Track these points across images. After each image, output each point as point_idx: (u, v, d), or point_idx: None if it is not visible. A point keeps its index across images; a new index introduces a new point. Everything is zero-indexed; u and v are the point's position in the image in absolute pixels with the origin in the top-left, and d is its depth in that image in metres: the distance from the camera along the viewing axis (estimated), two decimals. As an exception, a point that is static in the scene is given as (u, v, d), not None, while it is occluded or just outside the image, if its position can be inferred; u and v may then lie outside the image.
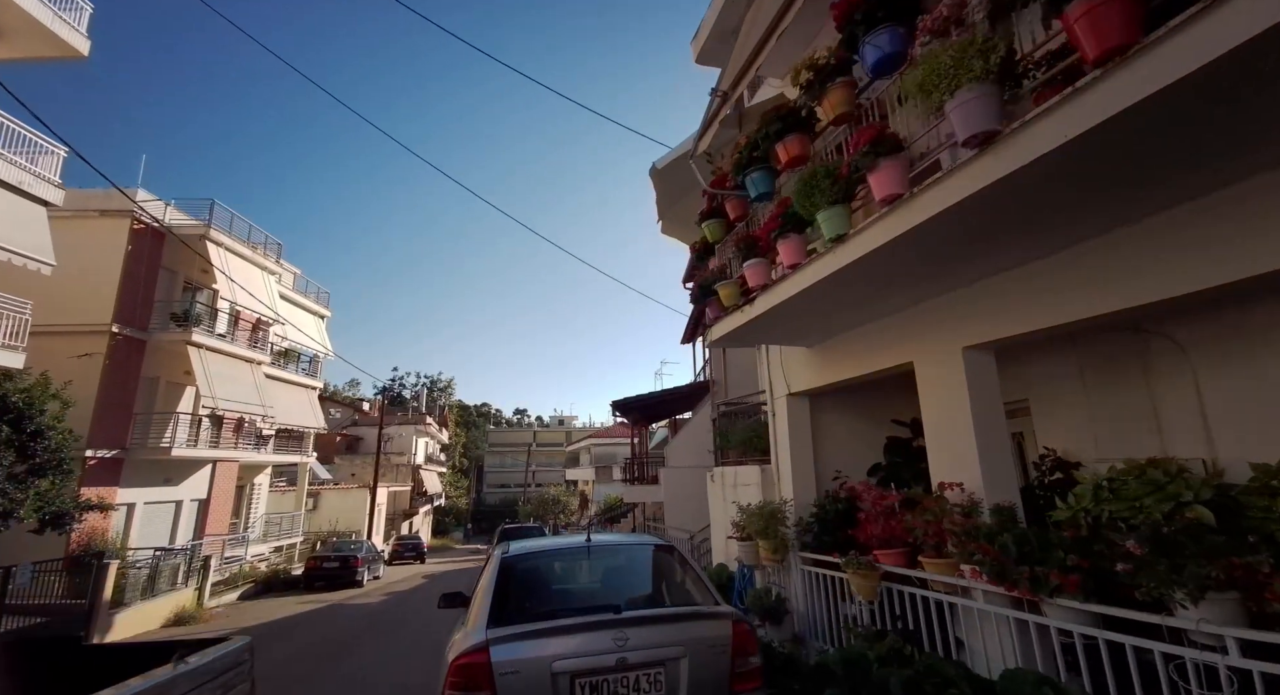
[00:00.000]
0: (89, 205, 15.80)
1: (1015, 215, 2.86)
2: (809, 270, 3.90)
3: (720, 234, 5.36)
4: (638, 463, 17.11)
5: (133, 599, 11.36)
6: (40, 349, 14.44)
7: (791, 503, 5.79)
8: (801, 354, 6.02)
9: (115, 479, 15.46)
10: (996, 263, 3.56)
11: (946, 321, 4.07)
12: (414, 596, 15.76)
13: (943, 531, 3.61)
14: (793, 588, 5.53)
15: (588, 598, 3.61)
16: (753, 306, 4.79)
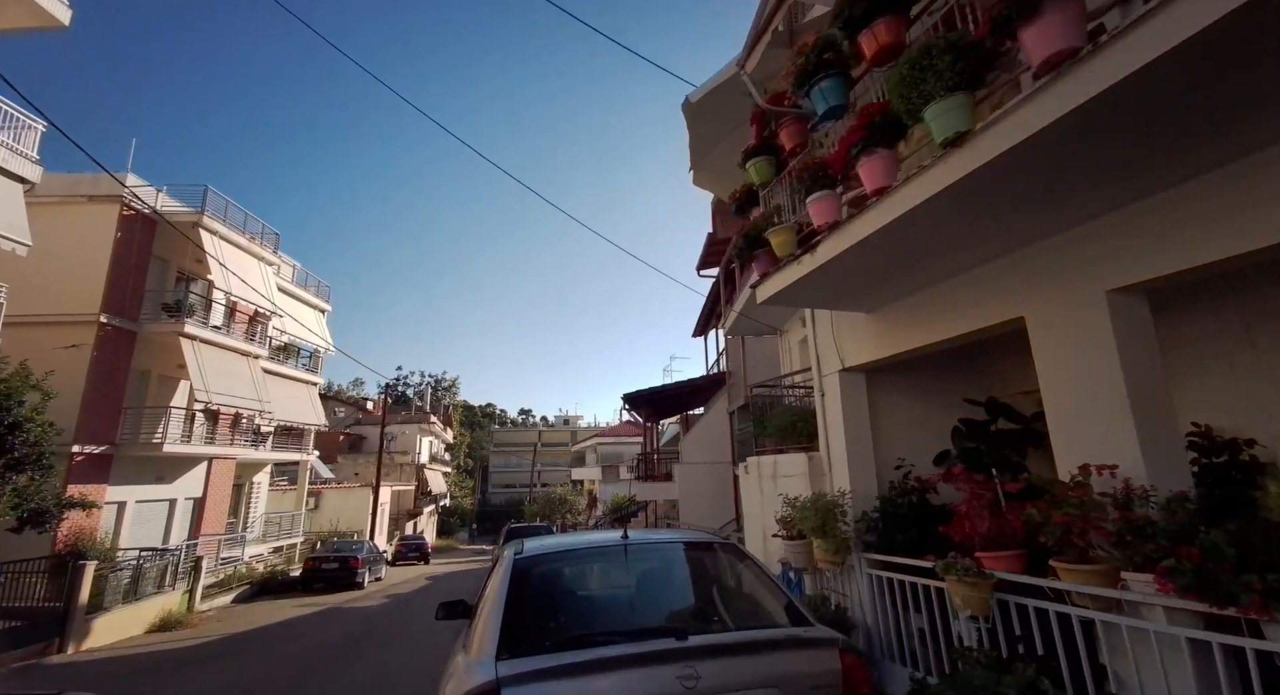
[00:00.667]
0: (76, 190, 15.05)
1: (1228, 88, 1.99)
2: (904, 193, 3.03)
3: (769, 174, 4.50)
4: (649, 459, 16.26)
5: (114, 603, 10.54)
6: (25, 339, 13.69)
7: (849, 495, 4.92)
8: (859, 322, 5.14)
9: (104, 476, 14.68)
10: (1165, 174, 2.68)
11: (1077, 262, 3.19)
12: (416, 599, 14.94)
13: (1090, 529, 2.73)
14: (856, 596, 4.65)
15: (634, 615, 2.70)
16: (814, 254, 3.92)
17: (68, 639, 9.02)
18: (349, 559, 17.22)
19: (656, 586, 2.80)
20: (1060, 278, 3.27)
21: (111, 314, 14.77)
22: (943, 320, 4.32)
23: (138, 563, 11.52)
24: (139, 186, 15.74)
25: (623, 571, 2.89)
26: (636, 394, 15.70)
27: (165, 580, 12.46)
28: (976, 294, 3.93)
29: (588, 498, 26.34)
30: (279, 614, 13.20)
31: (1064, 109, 2.18)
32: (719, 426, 15.14)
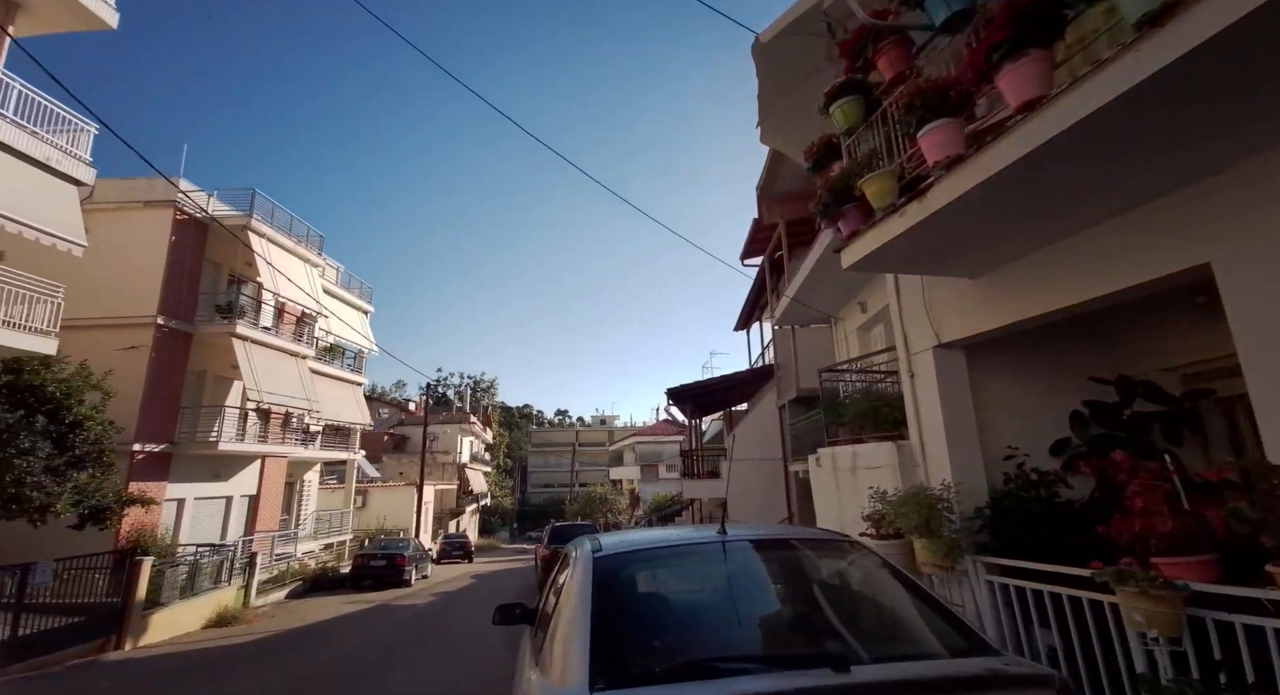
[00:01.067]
0: (132, 196, 15.49)
1: None
2: (1067, 103, 2.38)
3: (857, 117, 3.88)
4: (694, 457, 15.67)
5: (171, 598, 10.63)
6: (86, 342, 14.14)
7: (955, 489, 4.24)
8: (959, 290, 4.46)
9: (164, 474, 15.04)
10: None
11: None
12: (462, 598, 14.75)
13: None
14: (972, 607, 3.97)
15: (753, 633, 2.06)
16: (923, 201, 3.29)
17: (125, 635, 9.08)
18: (396, 557, 17.23)
19: (769, 596, 2.24)
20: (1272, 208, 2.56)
21: (168, 316, 15.13)
22: (1076, 280, 3.61)
23: (194, 559, 11.64)
24: (191, 191, 16.09)
25: (724, 576, 2.32)
26: (681, 389, 15.15)
27: (221, 576, 12.59)
28: (1133, 241, 3.21)
29: (629, 497, 25.93)
30: (330, 611, 13.20)
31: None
32: (768, 422, 14.44)
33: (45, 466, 10.31)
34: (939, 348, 4.68)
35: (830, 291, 10.27)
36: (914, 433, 4.89)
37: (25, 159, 9.53)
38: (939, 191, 3.20)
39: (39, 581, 7.67)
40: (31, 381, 10.52)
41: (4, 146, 9.27)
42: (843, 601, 2.25)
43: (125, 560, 10.72)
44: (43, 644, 7.98)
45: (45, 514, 10.34)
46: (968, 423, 4.54)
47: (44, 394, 10.62)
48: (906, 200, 3.45)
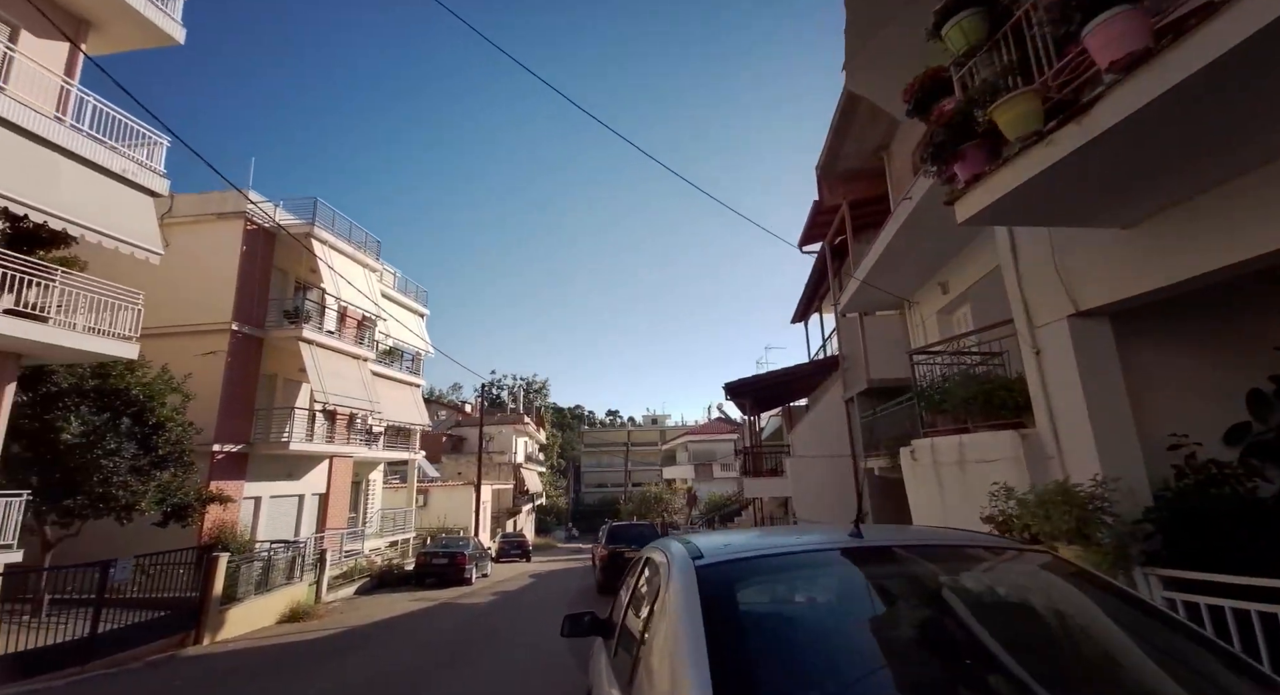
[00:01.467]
0: (206, 209, 16.22)
1: None
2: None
3: (982, 33, 3.19)
4: (754, 454, 14.94)
5: (246, 594, 10.91)
6: (168, 348, 14.88)
7: (1109, 485, 3.47)
8: (1101, 245, 3.68)
9: (241, 473, 15.65)
10: None
11: None
12: (523, 598, 14.60)
13: None
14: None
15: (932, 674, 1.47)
16: (1084, 121, 2.60)
17: (203, 630, 9.31)
18: (457, 555, 17.34)
19: (939, 621, 1.65)
20: None
21: (241, 322, 15.74)
22: (1265, 225, 2.82)
23: (267, 555, 11.93)
24: (259, 202, 16.73)
25: (867, 593, 1.77)
26: (739, 383, 14.47)
27: (294, 572, 12.89)
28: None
29: (686, 496, 25.30)
30: (395, 607, 13.31)
31: None
32: (833, 416, 13.56)
33: (130, 466, 10.79)
34: (1076, 317, 3.90)
35: (904, 273, 9.39)
36: (1042, 419, 4.12)
37: (104, 172, 9.93)
38: (1111, 105, 2.50)
39: (119, 578, 7.91)
40: (117, 385, 11.04)
41: (84, 160, 9.67)
42: (1046, 633, 1.61)
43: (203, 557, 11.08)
44: (125, 639, 8.21)
45: (131, 512, 10.83)
46: (1118, 406, 3.75)
47: (129, 397, 11.13)
48: (1058, 124, 2.76)
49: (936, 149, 3.31)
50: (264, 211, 16.73)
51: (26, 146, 8.96)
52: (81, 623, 7.79)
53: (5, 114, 8.56)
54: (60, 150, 9.42)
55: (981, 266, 7.58)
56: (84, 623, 7.78)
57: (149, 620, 8.65)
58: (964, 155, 3.28)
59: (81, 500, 10.19)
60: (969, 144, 3.24)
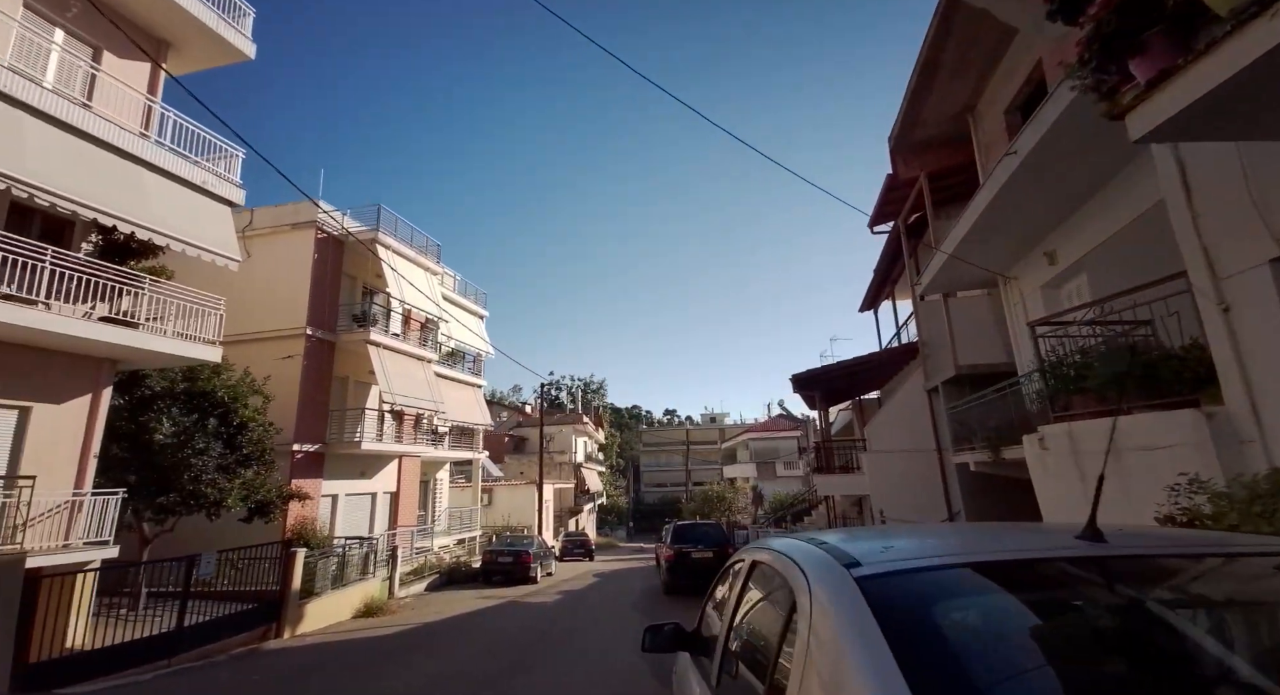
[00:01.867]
0: (281, 221, 16.99)
1: None
2: None
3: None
4: (825, 449, 14.02)
5: (323, 588, 11.17)
6: (249, 354, 15.65)
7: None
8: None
9: (319, 472, 16.26)
10: None
11: None
12: (589, 597, 14.34)
13: None
14: None
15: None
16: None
17: (283, 624, 9.55)
18: (521, 554, 17.35)
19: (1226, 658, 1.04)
20: None
21: (315, 327, 16.37)
22: None
23: (342, 551, 12.20)
24: (329, 211, 17.37)
25: (1121, 616, 1.22)
26: (807, 375, 13.62)
27: (367, 568, 13.16)
28: None
29: (751, 494, 24.43)
30: (464, 604, 13.36)
31: None
32: (913, 408, 12.49)
33: (217, 465, 11.29)
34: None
35: (1000, 244, 8.35)
36: (1234, 394, 3.28)
37: (185, 184, 10.41)
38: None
39: (202, 573, 8.17)
40: (204, 388, 11.59)
41: (167, 174, 10.15)
42: None
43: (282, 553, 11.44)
44: (211, 633, 8.47)
45: (219, 508, 11.32)
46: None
47: (215, 399, 11.66)
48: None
49: (1105, 44, 2.60)
50: (334, 219, 17.36)
51: (115, 162, 9.47)
52: (172, 616, 8.07)
53: (95, 131, 9.07)
54: (146, 164, 9.91)
55: (1103, 228, 6.55)
56: (174, 616, 8.05)
57: (236, 613, 8.93)
58: (1146, 47, 2.55)
59: (174, 497, 10.72)
60: (1153, 31, 2.51)
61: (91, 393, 9.76)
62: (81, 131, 8.91)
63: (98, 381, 9.84)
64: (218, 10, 10.94)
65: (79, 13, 9.45)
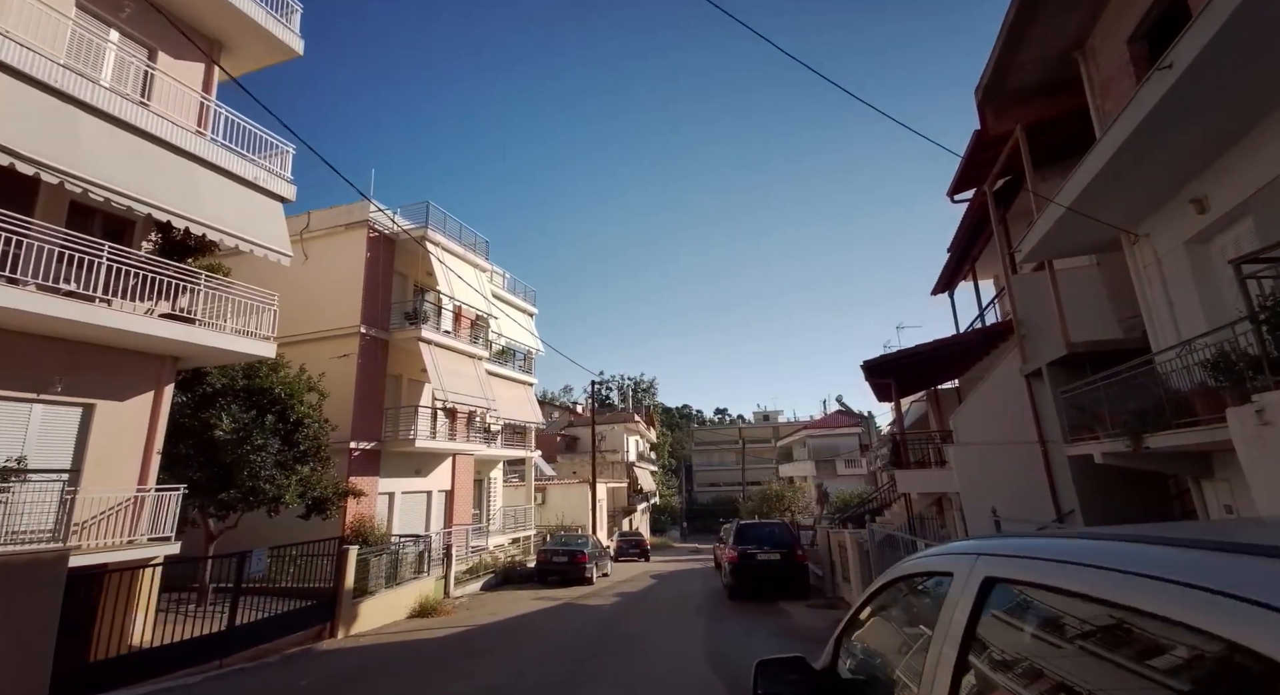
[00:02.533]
0: (335, 222, 17.17)
1: None
2: None
3: None
4: (903, 443, 12.71)
5: (377, 587, 10.92)
6: (307, 353, 15.82)
7: None
8: None
9: (375, 470, 16.30)
10: None
11: None
12: (648, 601, 13.61)
13: None
14: None
15: None
16: None
17: (338, 623, 9.30)
18: (577, 554, 16.83)
19: None
20: None
21: (368, 325, 16.43)
22: None
23: (396, 549, 11.96)
24: (381, 209, 17.44)
25: None
26: (880, 361, 12.38)
27: (422, 567, 12.92)
28: None
29: (816, 493, 23.02)
30: (519, 605, 12.91)
31: None
32: (1007, 395, 11.07)
33: (275, 461, 11.27)
34: None
35: (1129, 194, 7.03)
36: None
37: (239, 180, 10.40)
38: None
39: (254, 570, 7.92)
40: (262, 385, 11.61)
41: (221, 170, 10.14)
42: None
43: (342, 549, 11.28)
44: (266, 631, 8.27)
45: (277, 505, 11.30)
46: None
47: (273, 395, 11.67)
48: None
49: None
50: (386, 216, 17.43)
51: (170, 159, 9.48)
52: (227, 614, 7.90)
53: (151, 129, 9.08)
54: (201, 162, 9.92)
55: (1279, 158, 5.23)
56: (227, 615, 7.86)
57: (291, 611, 8.72)
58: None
59: (234, 493, 10.73)
60: None
61: (154, 390, 9.84)
62: (138, 129, 8.93)
63: (160, 378, 9.90)
64: (267, 7, 10.91)
65: (133, 13, 9.54)
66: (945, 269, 16.14)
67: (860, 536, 11.44)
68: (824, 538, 14.38)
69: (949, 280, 16.66)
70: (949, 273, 16.08)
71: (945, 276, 16.48)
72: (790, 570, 12.52)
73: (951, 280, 16.59)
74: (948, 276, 16.44)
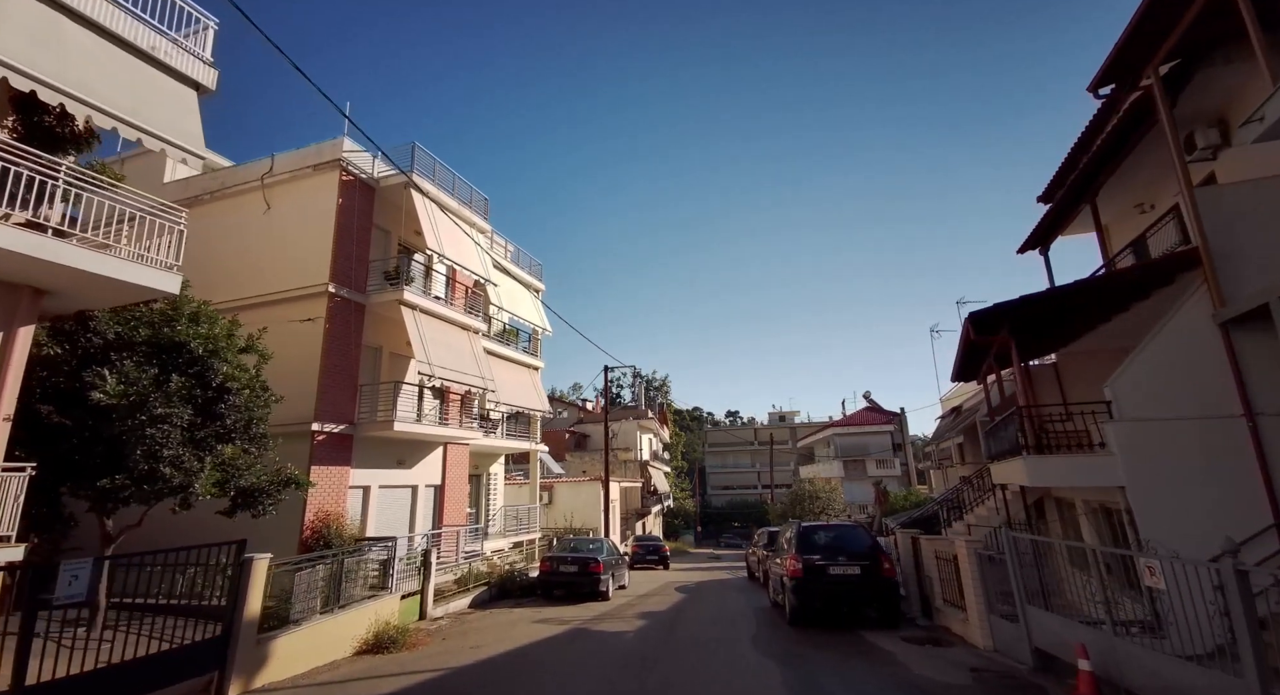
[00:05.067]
0: (303, 163, 14.25)
1: None
2: None
3: None
4: (1031, 418, 9.30)
5: (308, 612, 7.72)
6: (268, 318, 12.97)
7: None
8: None
9: (347, 458, 13.27)
10: None
11: None
12: (682, 625, 10.38)
13: None
14: None
15: None
16: None
17: (230, 672, 6.01)
18: (589, 562, 13.66)
19: None
20: None
21: (339, 284, 13.44)
22: None
23: (336, 557, 8.77)
24: (353, 152, 14.49)
25: None
26: (995, 311, 9.16)
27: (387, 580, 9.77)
28: None
29: (874, 492, 19.75)
30: (515, 632, 9.75)
31: None
32: (1193, 352, 7.83)
33: (186, 438, 8.25)
34: None
35: None
36: None
37: (132, 50, 7.44)
38: None
39: (68, 595, 4.70)
40: (173, 338, 8.60)
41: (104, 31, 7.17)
42: None
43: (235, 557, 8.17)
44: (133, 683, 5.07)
45: (186, 495, 8.27)
46: None
47: (187, 352, 8.65)
48: None
49: None
50: (359, 165, 14.47)
51: (39, 10, 6.61)
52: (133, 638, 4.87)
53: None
54: (73, 14, 6.99)
55: None
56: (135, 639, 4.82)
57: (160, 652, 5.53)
58: None
59: (121, 479, 7.70)
60: None
61: (2, 332, 6.86)
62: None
63: (13, 314, 6.93)
64: None
65: None
66: (1045, 217, 12.87)
67: (992, 545, 8.20)
68: (907, 545, 11.10)
69: (1047, 231, 13.36)
70: (1052, 218, 12.77)
71: (1043, 227, 13.19)
72: (875, 589, 9.28)
73: (1051, 230, 13.29)
74: (1047, 226, 13.14)
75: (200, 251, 14.84)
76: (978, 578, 8.34)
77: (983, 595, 8.31)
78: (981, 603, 8.29)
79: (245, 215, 14.58)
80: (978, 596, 8.34)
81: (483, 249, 17.26)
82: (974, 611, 8.40)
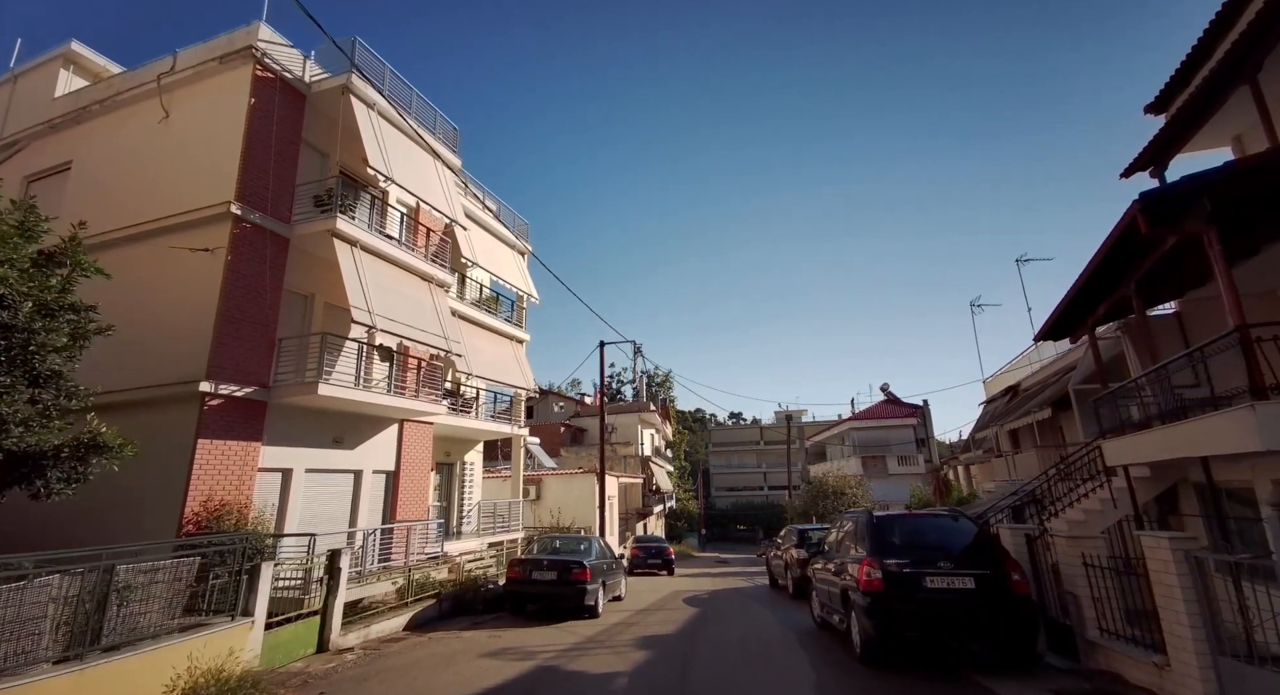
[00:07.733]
0: (210, 56, 10.96)
1: None
2: None
3: None
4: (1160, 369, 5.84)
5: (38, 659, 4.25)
6: (156, 250, 9.76)
7: None
8: None
9: (257, 432, 9.87)
10: None
11: None
12: (700, 660, 6.93)
13: None
14: None
15: None
16: None
17: None
18: (571, 567, 10.19)
19: None
20: None
21: (249, 206, 10.12)
22: None
23: (98, 570, 5.25)
24: (278, 44, 11.24)
25: None
26: (1187, 184, 5.84)
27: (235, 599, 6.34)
28: None
29: (936, 480, 16.37)
30: (444, 680, 6.31)
31: None
32: None
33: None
34: None
35: None
36: None
37: None
38: None
39: None
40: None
41: None
42: None
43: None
44: None
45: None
46: None
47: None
48: None
49: None
50: (283, 64, 11.23)
51: None
52: None
53: None
54: None
55: None
56: None
57: None
58: None
59: None
60: None
61: None
62: None
63: None
64: None
65: None
66: (1164, 130, 9.43)
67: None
68: (1018, 547, 7.65)
69: (1164, 146, 9.89)
70: (1176, 128, 9.32)
71: (1160, 141, 9.71)
72: (1000, 612, 5.87)
73: (1169, 144, 9.85)
74: (1165, 140, 9.68)
75: (92, 174, 11.69)
76: (1194, 598, 4.94)
77: (1203, 626, 4.91)
78: (1202, 637, 4.89)
79: (140, 126, 11.34)
80: (1193, 627, 4.93)
81: (445, 178, 13.96)
82: (1185, 651, 4.99)
